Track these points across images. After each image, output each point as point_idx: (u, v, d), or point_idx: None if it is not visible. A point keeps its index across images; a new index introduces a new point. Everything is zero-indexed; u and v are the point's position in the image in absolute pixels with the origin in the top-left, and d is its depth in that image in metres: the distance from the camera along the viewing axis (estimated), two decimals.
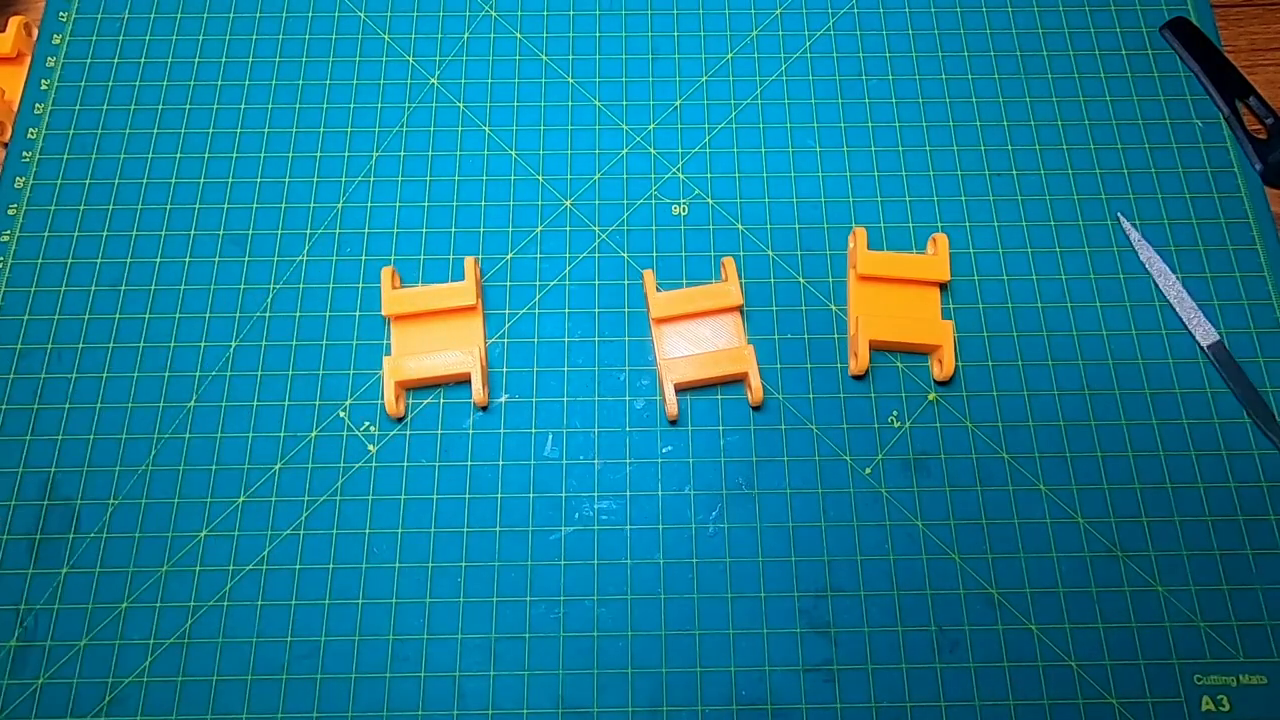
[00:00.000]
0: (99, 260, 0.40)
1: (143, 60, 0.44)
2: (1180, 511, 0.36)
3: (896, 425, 0.37)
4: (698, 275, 0.40)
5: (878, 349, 0.38)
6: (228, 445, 0.37)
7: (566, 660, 0.34)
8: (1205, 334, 0.38)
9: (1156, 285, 0.39)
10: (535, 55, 0.44)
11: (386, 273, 0.38)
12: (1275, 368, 0.38)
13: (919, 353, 0.38)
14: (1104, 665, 0.34)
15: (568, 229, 0.41)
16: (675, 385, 0.37)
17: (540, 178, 0.42)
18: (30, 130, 0.42)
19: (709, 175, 0.42)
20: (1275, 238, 0.40)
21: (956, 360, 0.38)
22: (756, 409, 0.37)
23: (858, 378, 0.38)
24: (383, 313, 0.38)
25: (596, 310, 0.39)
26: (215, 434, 0.37)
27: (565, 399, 0.38)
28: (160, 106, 0.43)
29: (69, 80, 0.43)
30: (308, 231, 0.41)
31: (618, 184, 0.42)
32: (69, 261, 0.40)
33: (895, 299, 0.38)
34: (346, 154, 0.42)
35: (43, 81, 0.43)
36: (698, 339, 0.38)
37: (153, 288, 0.40)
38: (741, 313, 0.38)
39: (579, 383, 0.38)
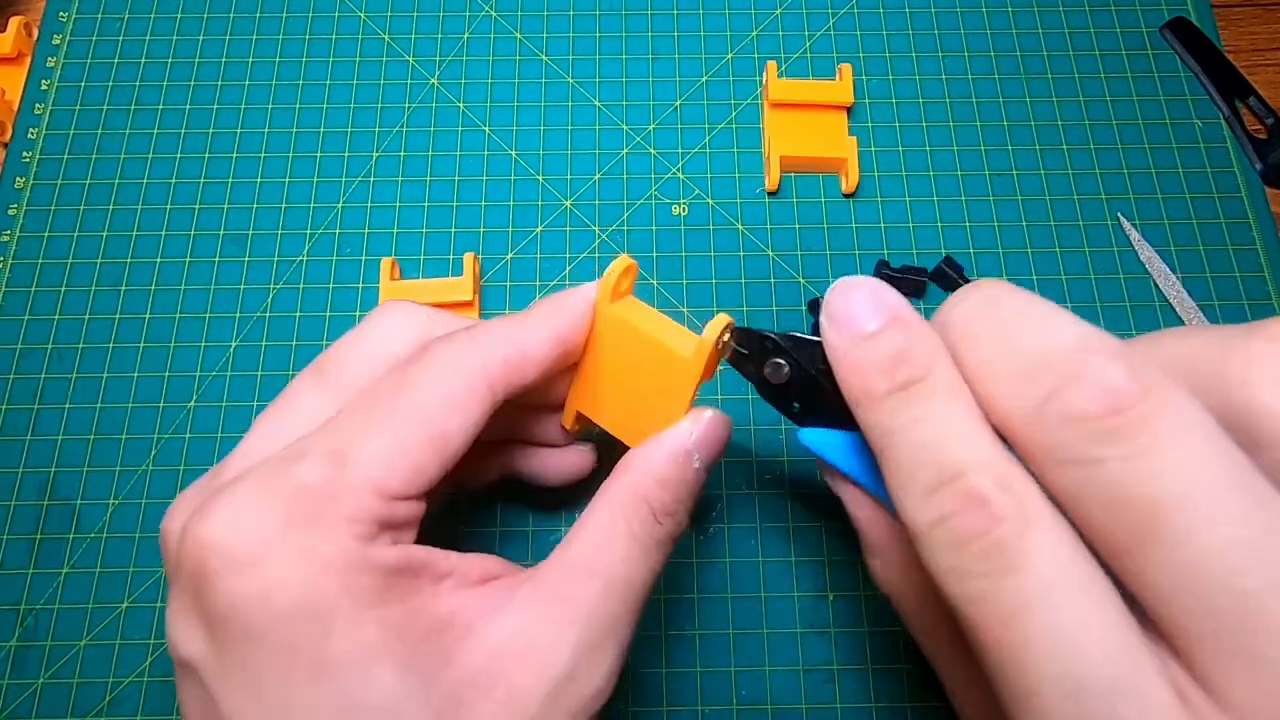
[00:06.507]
0: (99, 260, 0.40)
1: (143, 60, 0.44)
2: None
3: None
4: (697, 275, 0.40)
5: (789, 168, 0.41)
6: (228, 445, 0.37)
7: None
8: None
9: (1156, 285, 0.39)
10: (535, 55, 0.44)
11: (386, 263, 0.38)
12: None
13: (828, 171, 0.41)
14: None
15: (568, 229, 0.41)
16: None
17: (540, 178, 0.42)
18: (30, 130, 0.42)
19: (709, 175, 0.42)
20: (1275, 238, 0.40)
21: None
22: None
23: (771, 193, 0.41)
24: (379, 302, 0.38)
25: None
26: (215, 434, 0.37)
27: None
28: (160, 106, 0.43)
29: (69, 80, 0.43)
30: (308, 231, 0.41)
31: (618, 184, 0.42)
32: (69, 261, 0.40)
33: (805, 123, 0.42)
34: (346, 154, 0.42)
35: (43, 81, 0.43)
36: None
37: (153, 288, 0.40)
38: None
39: None
